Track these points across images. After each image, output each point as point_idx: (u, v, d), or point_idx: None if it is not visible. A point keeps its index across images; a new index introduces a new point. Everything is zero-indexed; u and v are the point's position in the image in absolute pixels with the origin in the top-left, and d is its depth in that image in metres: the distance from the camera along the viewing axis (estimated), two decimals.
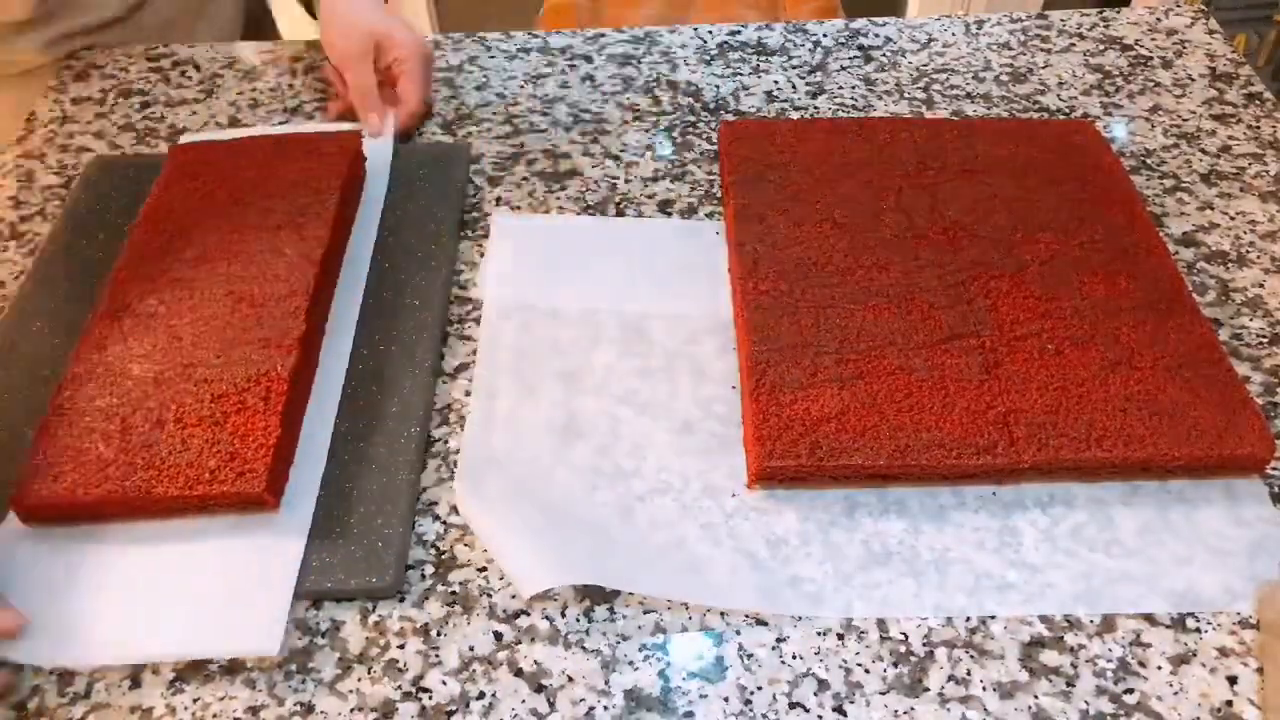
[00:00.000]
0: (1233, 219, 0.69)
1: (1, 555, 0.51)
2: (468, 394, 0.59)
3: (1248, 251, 0.67)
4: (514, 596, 0.50)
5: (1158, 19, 0.89)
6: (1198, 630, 0.48)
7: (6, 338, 0.62)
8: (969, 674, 0.47)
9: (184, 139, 0.77)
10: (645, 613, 0.50)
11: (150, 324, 0.58)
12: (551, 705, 0.46)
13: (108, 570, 0.50)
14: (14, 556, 0.51)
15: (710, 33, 0.89)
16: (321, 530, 0.52)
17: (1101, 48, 0.86)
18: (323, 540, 0.51)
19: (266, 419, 0.53)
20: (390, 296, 0.64)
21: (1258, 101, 0.79)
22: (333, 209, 0.64)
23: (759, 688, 0.47)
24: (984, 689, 0.46)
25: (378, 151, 0.73)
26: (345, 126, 0.77)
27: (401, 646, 0.49)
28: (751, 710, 0.46)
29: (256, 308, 0.58)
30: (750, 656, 0.48)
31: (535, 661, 0.48)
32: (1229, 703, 0.46)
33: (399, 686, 0.47)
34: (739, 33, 0.89)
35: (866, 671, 0.47)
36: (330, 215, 0.64)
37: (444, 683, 0.47)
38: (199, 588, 0.49)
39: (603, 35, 0.89)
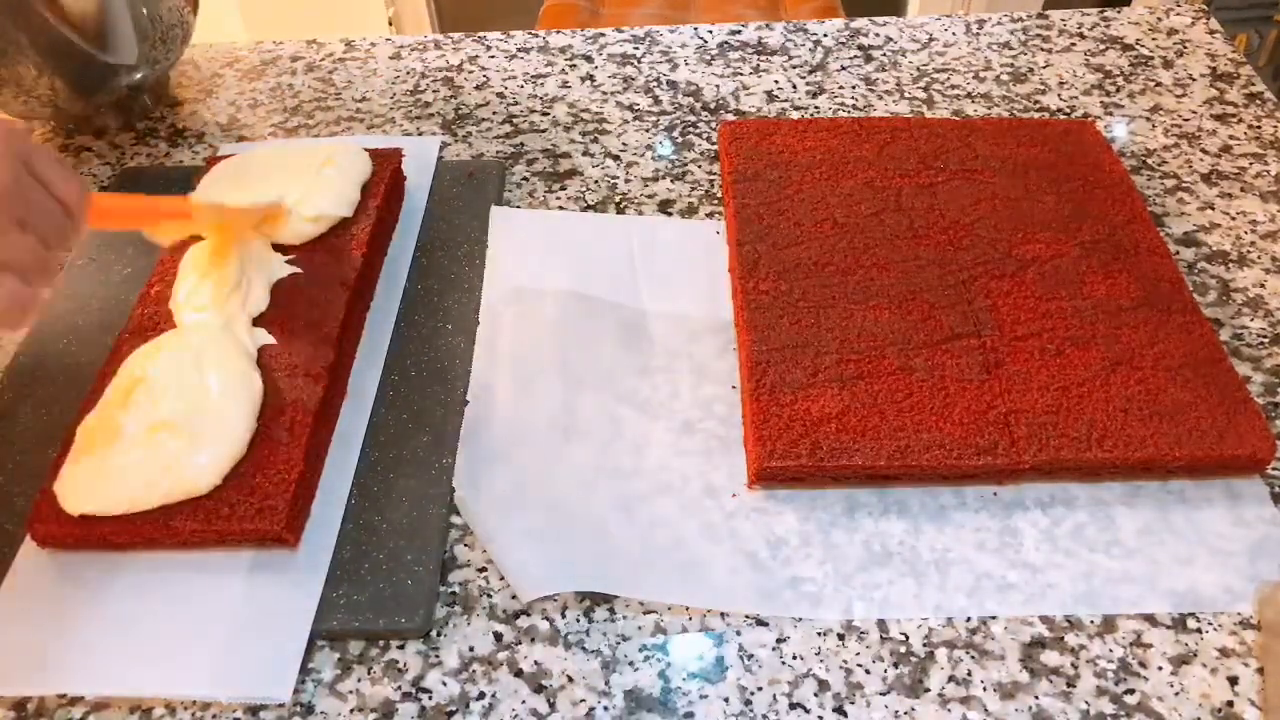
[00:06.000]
0: (1233, 219, 0.69)
1: (18, 579, 0.50)
2: None
3: (1248, 251, 0.67)
4: (514, 597, 0.50)
5: (1158, 19, 0.89)
6: (1198, 631, 0.48)
7: (34, 354, 0.61)
8: (969, 674, 0.47)
9: (222, 152, 0.75)
10: (645, 613, 0.50)
11: None
12: (552, 706, 0.46)
13: (121, 600, 0.49)
14: (30, 581, 0.50)
15: (710, 33, 0.89)
16: (349, 567, 0.50)
17: (1102, 47, 0.86)
18: (350, 577, 0.50)
19: (290, 452, 0.51)
20: (423, 320, 0.62)
21: (1258, 101, 0.79)
22: (368, 229, 0.63)
23: (759, 688, 0.47)
24: (984, 689, 0.46)
25: (418, 168, 0.72)
26: (389, 141, 0.76)
27: (401, 647, 0.49)
28: (752, 711, 0.46)
29: (286, 332, 0.56)
30: (750, 657, 0.48)
31: (535, 662, 0.48)
32: (1230, 703, 0.46)
33: (399, 687, 0.47)
34: (739, 33, 0.89)
35: (867, 672, 0.47)
36: (365, 236, 0.62)
37: (444, 683, 0.47)
38: (213, 625, 0.48)
39: (603, 35, 0.89)
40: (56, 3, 0.67)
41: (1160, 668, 0.47)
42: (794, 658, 0.48)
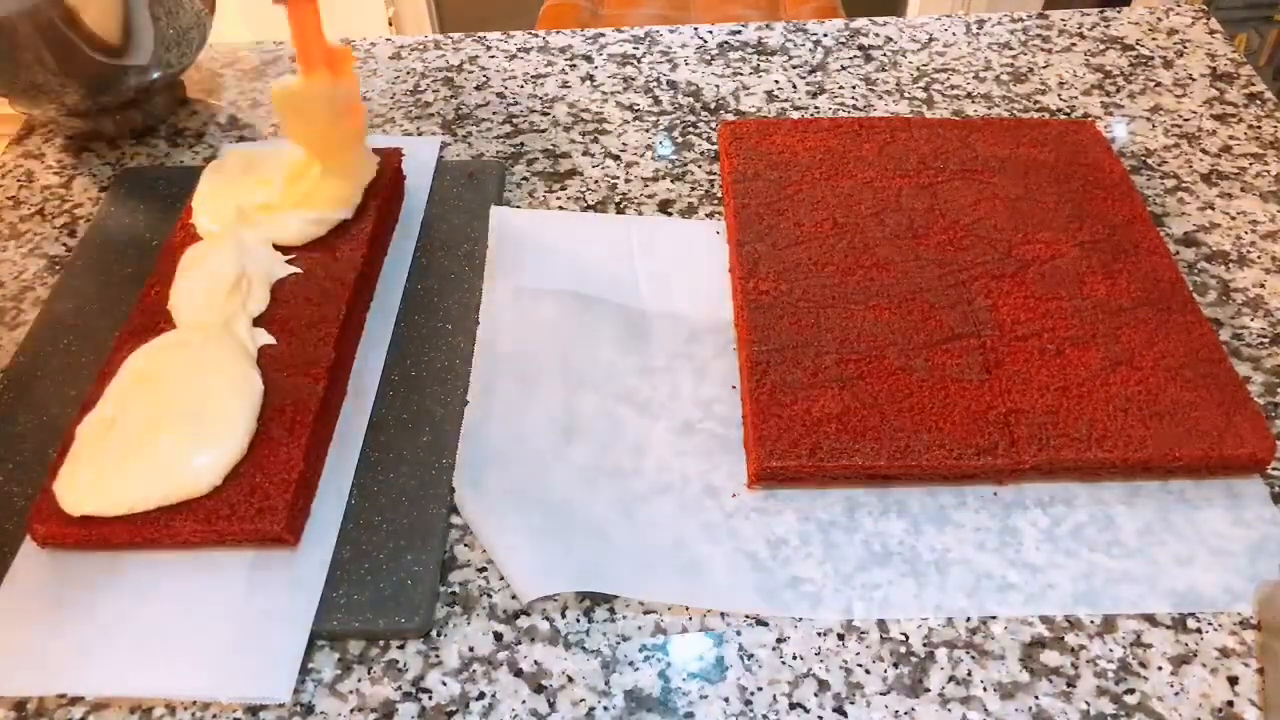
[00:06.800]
0: (1233, 219, 0.69)
1: (18, 579, 0.50)
2: None
3: (1248, 251, 0.67)
4: (514, 597, 0.50)
5: (1158, 19, 0.89)
6: (1198, 631, 0.48)
7: (34, 354, 0.61)
8: (969, 674, 0.47)
9: (221, 152, 0.75)
10: (645, 613, 0.50)
11: None
12: (552, 706, 0.46)
13: (121, 600, 0.49)
14: (30, 581, 0.50)
15: (710, 33, 0.89)
16: (349, 567, 0.50)
17: (1102, 47, 0.86)
18: (350, 577, 0.50)
19: (290, 451, 0.51)
20: (422, 320, 0.62)
21: (1259, 101, 0.79)
22: (368, 229, 0.62)
23: (759, 688, 0.47)
24: (984, 689, 0.46)
25: (418, 167, 0.72)
26: (388, 141, 0.76)
27: (401, 647, 0.49)
28: (752, 711, 0.46)
29: (286, 332, 0.56)
30: (750, 657, 0.48)
31: (535, 662, 0.48)
32: (1230, 703, 0.46)
33: (399, 687, 0.47)
34: (739, 33, 0.89)
35: (867, 672, 0.47)
36: (365, 236, 0.62)
37: (444, 683, 0.47)
38: (213, 625, 0.48)
39: (603, 35, 0.89)
40: (72, 12, 0.67)
41: (1160, 668, 0.47)
42: (794, 658, 0.48)
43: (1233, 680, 0.47)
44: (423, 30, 1.98)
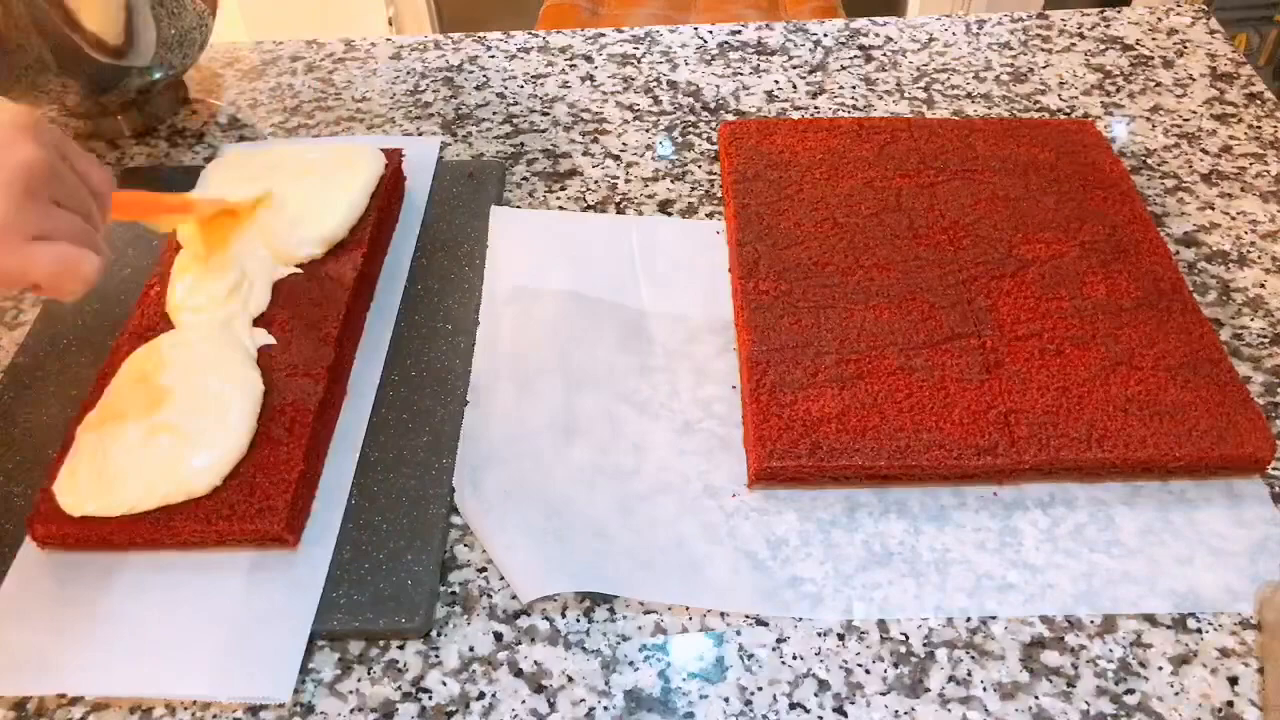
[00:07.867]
0: (1233, 219, 0.69)
1: (18, 579, 0.50)
2: None
3: (1248, 251, 0.67)
4: (514, 597, 0.50)
5: (1158, 19, 0.89)
6: (1199, 631, 0.48)
7: (34, 354, 0.61)
8: (969, 674, 0.47)
9: (221, 152, 0.75)
10: (645, 613, 0.50)
11: None
12: (552, 706, 0.46)
13: (121, 600, 0.49)
14: (30, 581, 0.50)
15: (710, 33, 0.89)
16: (349, 567, 0.50)
17: (1102, 47, 0.86)
18: (350, 577, 0.50)
19: (290, 451, 0.51)
20: (423, 320, 0.62)
21: (1258, 101, 0.79)
22: (369, 230, 0.62)
23: (759, 688, 0.47)
24: (985, 689, 0.46)
25: (418, 168, 0.72)
26: (388, 141, 0.76)
27: (401, 647, 0.49)
28: (752, 711, 0.46)
29: (286, 332, 0.56)
30: (750, 657, 0.48)
31: (535, 662, 0.48)
32: (1230, 703, 0.46)
33: (399, 687, 0.47)
34: (739, 33, 0.89)
35: (867, 672, 0.47)
36: (366, 237, 0.62)
37: (444, 683, 0.47)
38: (213, 625, 0.48)
39: (603, 35, 0.89)
40: (73, 14, 0.66)
41: (1160, 668, 0.47)
42: (794, 658, 0.48)
43: (1233, 680, 0.47)
44: (423, 30, 1.98)
